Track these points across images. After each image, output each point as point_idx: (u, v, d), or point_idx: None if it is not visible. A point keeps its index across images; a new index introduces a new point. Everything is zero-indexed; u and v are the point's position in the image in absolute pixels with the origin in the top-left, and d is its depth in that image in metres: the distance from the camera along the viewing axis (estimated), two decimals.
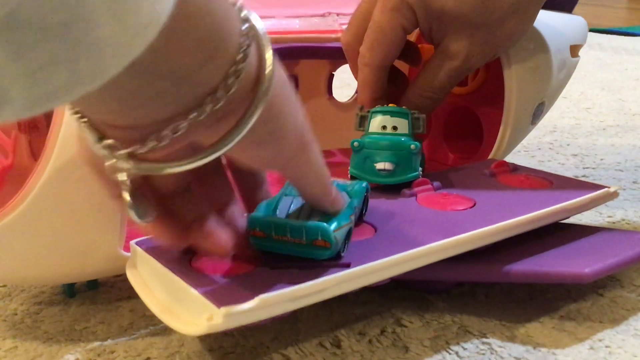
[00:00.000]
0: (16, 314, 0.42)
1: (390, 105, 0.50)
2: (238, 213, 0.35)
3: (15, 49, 0.15)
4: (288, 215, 0.34)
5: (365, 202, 0.40)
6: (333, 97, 0.65)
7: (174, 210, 0.32)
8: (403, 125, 0.48)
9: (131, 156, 0.26)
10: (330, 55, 0.61)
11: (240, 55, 0.25)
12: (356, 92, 0.67)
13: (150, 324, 0.40)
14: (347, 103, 0.66)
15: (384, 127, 0.48)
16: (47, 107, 0.17)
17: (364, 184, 0.40)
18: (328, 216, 0.34)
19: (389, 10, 0.47)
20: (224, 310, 0.29)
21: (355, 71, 0.53)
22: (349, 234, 0.35)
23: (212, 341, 0.38)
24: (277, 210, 0.35)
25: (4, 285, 0.45)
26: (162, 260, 0.34)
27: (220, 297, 0.30)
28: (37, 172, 0.35)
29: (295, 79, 0.62)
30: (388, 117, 0.49)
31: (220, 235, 0.32)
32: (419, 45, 0.63)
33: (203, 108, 0.25)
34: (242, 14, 0.26)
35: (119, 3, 0.17)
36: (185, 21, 0.22)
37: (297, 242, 0.33)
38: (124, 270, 0.37)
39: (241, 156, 0.30)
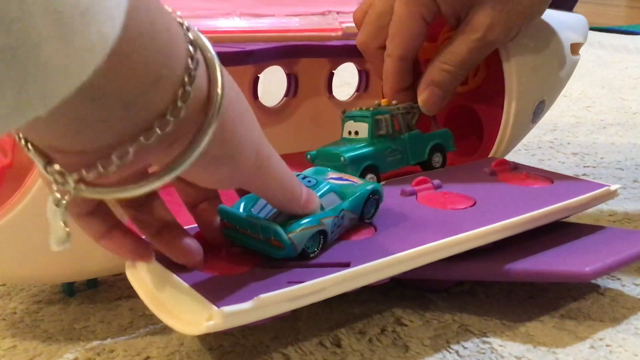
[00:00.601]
0: (15, 313, 0.42)
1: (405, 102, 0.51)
2: (212, 208, 0.35)
3: None
4: (260, 211, 0.35)
5: (368, 204, 0.39)
6: (333, 96, 0.65)
7: (140, 219, 0.33)
8: (363, 129, 0.49)
9: (80, 181, 0.25)
10: (331, 53, 0.61)
11: (188, 78, 0.25)
12: (356, 90, 0.67)
13: (149, 323, 0.40)
14: (348, 102, 0.66)
15: (350, 133, 0.50)
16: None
17: (370, 187, 0.39)
18: (295, 217, 0.34)
19: (406, 2, 0.48)
20: (223, 310, 0.29)
21: (374, 69, 0.53)
22: (322, 235, 0.35)
23: (212, 340, 0.38)
24: (255, 205, 0.35)
25: (3, 284, 0.45)
26: (162, 259, 0.34)
27: (219, 297, 0.30)
28: (36, 171, 0.35)
29: (295, 78, 0.62)
30: (352, 122, 0.50)
31: (188, 246, 0.33)
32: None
33: (151, 132, 0.24)
34: (189, 34, 0.26)
35: (65, 26, 0.17)
36: (130, 44, 0.22)
37: (257, 238, 0.34)
38: (124, 269, 0.37)
39: (197, 177, 0.30)
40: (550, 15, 0.57)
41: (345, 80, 0.85)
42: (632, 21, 2.07)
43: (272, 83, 0.68)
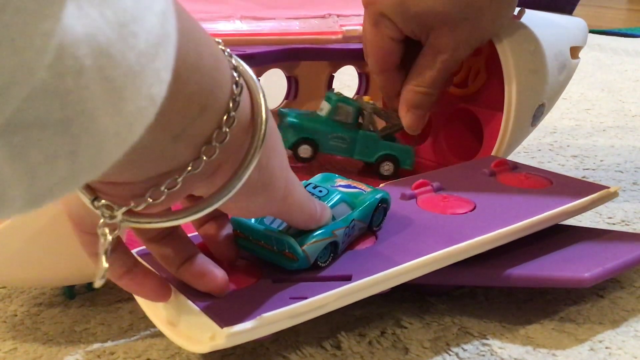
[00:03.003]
0: (16, 316, 0.42)
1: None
2: (219, 225, 0.35)
3: (16, 150, 0.14)
4: (273, 222, 0.35)
5: (377, 213, 0.39)
6: None
7: (162, 253, 0.32)
8: (326, 108, 0.54)
9: (128, 213, 0.25)
10: (331, 56, 0.61)
11: (232, 103, 0.25)
12: (356, 93, 0.67)
13: (150, 326, 0.40)
14: None
15: (321, 110, 0.54)
16: (48, 201, 0.17)
17: (379, 196, 0.39)
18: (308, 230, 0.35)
19: (372, 24, 0.51)
20: (226, 330, 0.29)
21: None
22: (333, 246, 0.36)
23: None
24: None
25: (4, 287, 0.45)
26: (165, 273, 0.34)
27: (222, 315, 0.31)
28: None
29: (295, 81, 0.62)
30: (325, 101, 0.54)
31: (214, 275, 0.33)
32: None
33: (199, 161, 0.25)
34: (232, 61, 0.26)
35: (117, 94, 0.16)
36: (177, 82, 0.22)
37: (270, 249, 0.35)
38: None
39: (232, 207, 0.30)
40: (551, 19, 0.58)
41: (345, 82, 0.86)
42: (632, 24, 2.07)
43: (273, 86, 0.68)
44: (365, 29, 0.52)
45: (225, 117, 0.25)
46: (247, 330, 0.30)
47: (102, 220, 0.25)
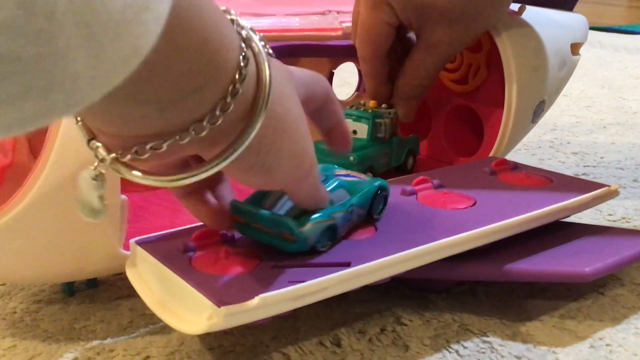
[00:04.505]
0: (15, 313, 0.42)
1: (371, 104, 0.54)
2: (227, 193, 0.36)
3: None
4: (273, 205, 0.35)
5: (376, 200, 0.39)
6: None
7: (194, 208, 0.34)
8: (363, 129, 0.52)
9: (116, 161, 0.26)
10: (331, 53, 0.61)
11: (232, 88, 0.25)
12: (356, 90, 0.67)
13: (149, 323, 0.40)
14: (348, 101, 0.66)
15: None
16: (21, 131, 0.17)
17: (378, 183, 0.39)
18: (307, 212, 0.35)
19: (370, 7, 0.51)
20: (224, 309, 0.29)
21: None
22: (332, 231, 0.36)
23: (212, 340, 0.38)
24: (266, 199, 0.36)
25: (3, 284, 0.45)
26: (162, 259, 0.34)
27: (220, 296, 0.30)
28: (37, 171, 0.35)
29: None
30: (350, 120, 0.53)
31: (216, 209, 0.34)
32: None
33: (185, 134, 0.25)
34: (243, 32, 0.26)
35: (95, 39, 0.16)
36: (174, 54, 0.22)
37: (269, 231, 0.35)
38: (124, 268, 0.37)
39: (231, 174, 0.30)
40: (551, 15, 0.57)
41: (345, 79, 0.86)
42: (632, 21, 2.07)
43: None
44: (361, 13, 0.52)
45: (221, 102, 0.25)
46: (245, 310, 0.30)
47: (95, 162, 0.27)
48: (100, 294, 0.44)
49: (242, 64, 0.25)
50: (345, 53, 0.62)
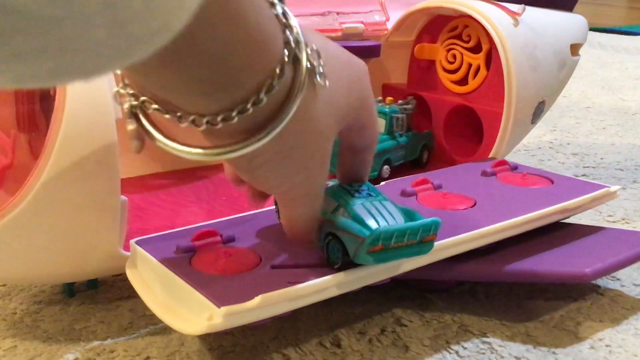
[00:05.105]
0: (16, 313, 0.42)
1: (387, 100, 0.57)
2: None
3: (5, 32, 0.15)
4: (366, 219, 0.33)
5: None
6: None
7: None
8: (380, 124, 0.55)
9: (144, 114, 0.27)
10: None
11: (279, 70, 0.25)
12: None
13: (150, 323, 0.40)
14: None
15: None
16: (35, 85, 0.17)
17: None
18: (408, 213, 0.34)
19: None
20: (224, 309, 0.29)
21: None
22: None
23: (212, 340, 0.38)
24: (375, 216, 0.33)
25: (4, 285, 0.45)
26: (162, 259, 0.34)
27: (220, 297, 0.30)
28: (37, 171, 0.35)
29: None
30: None
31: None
32: (419, 45, 0.63)
33: (208, 118, 0.25)
34: (293, 24, 0.26)
35: (119, 10, 0.16)
36: (209, 32, 0.22)
37: (411, 243, 0.33)
38: (124, 269, 0.37)
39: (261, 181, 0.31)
40: (551, 16, 0.58)
41: None
42: (632, 22, 2.07)
43: None
44: None
45: (254, 98, 0.25)
46: (245, 310, 0.30)
47: (126, 105, 0.27)
48: (100, 295, 0.44)
49: (292, 40, 0.26)
50: None
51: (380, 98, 0.58)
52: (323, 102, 0.29)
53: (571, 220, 0.46)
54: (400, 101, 0.58)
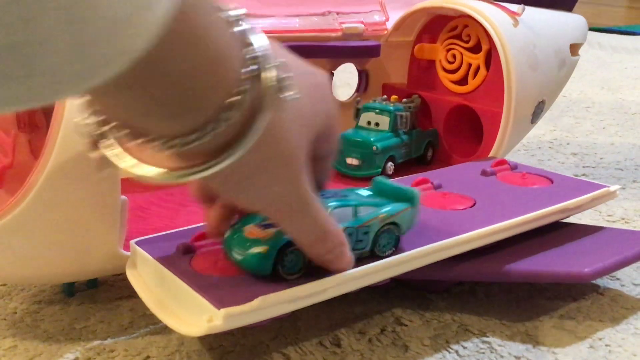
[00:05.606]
0: (16, 313, 0.42)
1: (391, 99, 0.58)
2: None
3: None
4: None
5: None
6: (333, 96, 0.65)
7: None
8: (384, 122, 0.57)
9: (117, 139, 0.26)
10: (330, 54, 0.61)
11: (237, 89, 0.25)
12: (356, 91, 0.67)
13: (150, 323, 0.40)
14: (347, 102, 0.66)
15: (369, 123, 0.58)
16: (5, 111, 0.17)
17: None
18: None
19: None
20: (223, 311, 0.29)
21: None
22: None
23: (212, 340, 0.38)
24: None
25: (4, 284, 0.45)
26: (162, 260, 0.34)
27: (220, 298, 0.30)
28: (37, 171, 0.35)
29: None
30: (373, 113, 0.57)
31: None
32: (419, 45, 0.63)
33: (169, 142, 0.25)
34: (251, 42, 0.25)
35: (80, 35, 0.16)
36: (171, 55, 0.22)
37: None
38: (124, 269, 0.37)
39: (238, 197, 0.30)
40: (550, 16, 0.58)
41: (345, 80, 0.86)
42: (632, 21, 2.07)
43: None
44: None
45: (211, 126, 0.24)
46: (245, 312, 0.30)
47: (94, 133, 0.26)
48: (100, 295, 0.44)
49: (249, 58, 0.25)
50: (345, 54, 0.62)
51: (385, 97, 0.59)
52: (291, 114, 0.28)
53: (571, 220, 0.46)
54: (404, 99, 0.59)
